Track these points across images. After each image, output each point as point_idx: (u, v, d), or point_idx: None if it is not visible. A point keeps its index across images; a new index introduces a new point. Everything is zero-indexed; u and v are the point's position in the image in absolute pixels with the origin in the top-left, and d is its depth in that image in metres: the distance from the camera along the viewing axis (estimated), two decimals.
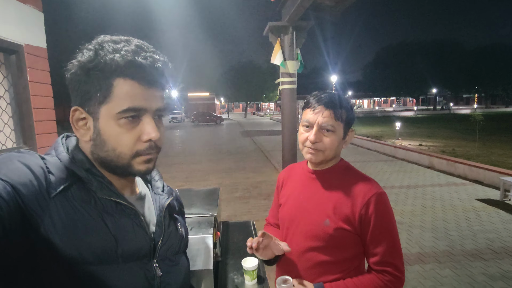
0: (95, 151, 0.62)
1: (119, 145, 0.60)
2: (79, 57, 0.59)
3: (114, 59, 0.56)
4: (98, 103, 0.58)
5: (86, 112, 0.60)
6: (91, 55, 0.57)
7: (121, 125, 0.59)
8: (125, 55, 0.57)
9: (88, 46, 0.59)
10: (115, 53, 0.57)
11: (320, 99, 1.03)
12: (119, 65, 0.56)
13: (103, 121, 0.59)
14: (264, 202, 5.40)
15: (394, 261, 1.00)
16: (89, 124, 0.61)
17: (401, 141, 12.28)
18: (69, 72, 0.59)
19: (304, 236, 1.06)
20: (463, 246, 3.60)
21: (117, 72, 0.57)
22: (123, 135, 0.59)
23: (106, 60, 0.56)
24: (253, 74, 42.02)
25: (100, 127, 0.59)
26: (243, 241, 1.67)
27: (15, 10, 1.88)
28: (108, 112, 0.58)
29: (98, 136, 0.60)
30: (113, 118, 0.58)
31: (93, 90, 0.58)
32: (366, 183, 1.04)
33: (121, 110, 0.58)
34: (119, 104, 0.58)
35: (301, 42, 3.84)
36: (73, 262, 0.53)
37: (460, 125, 19.11)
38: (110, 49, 0.57)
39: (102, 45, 0.58)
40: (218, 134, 20.71)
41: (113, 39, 0.59)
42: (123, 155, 0.61)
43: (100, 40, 0.59)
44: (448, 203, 5.06)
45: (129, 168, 0.62)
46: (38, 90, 2.03)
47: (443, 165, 7.36)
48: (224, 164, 9.26)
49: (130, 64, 0.57)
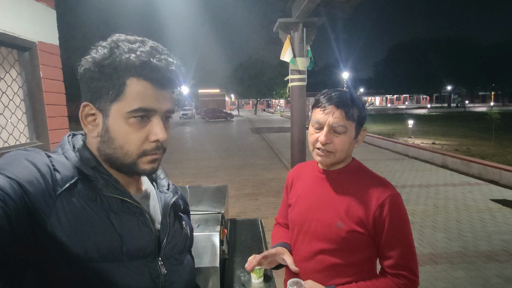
0: (102, 148, 0.62)
1: (127, 143, 0.61)
2: (94, 53, 0.59)
3: (130, 58, 0.57)
4: (110, 100, 0.59)
5: (96, 108, 0.61)
6: (105, 52, 0.58)
7: (130, 124, 0.60)
8: (140, 56, 0.58)
9: (103, 44, 0.60)
10: (131, 53, 0.58)
11: (331, 98, 0.99)
12: (134, 65, 0.58)
13: (113, 118, 0.60)
14: (273, 199, 5.39)
15: (409, 264, 0.97)
16: (98, 120, 0.61)
17: (414, 139, 12.05)
18: (82, 68, 0.60)
19: (315, 238, 1.04)
20: (477, 248, 3.51)
21: (131, 71, 0.58)
22: (131, 134, 0.60)
23: (121, 59, 0.57)
24: (264, 70, 41.88)
25: (109, 124, 0.60)
26: (251, 239, 1.67)
27: (28, 8, 1.92)
28: (119, 110, 0.59)
29: (107, 133, 0.61)
30: (123, 116, 0.59)
31: (106, 87, 0.59)
32: (379, 184, 1.00)
33: (132, 109, 0.59)
34: (130, 103, 0.59)
35: (311, 39, 3.79)
36: (79, 259, 0.54)
37: (475, 123, 18.65)
38: (126, 48, 0.58)
39: (118, 43, 0.59)
40: (228, 130, 20.77)
41: (128, 39, 0.60)
42: (130, 154, 0.61)
43: (116, 38, 0.60)
44: (462, 203, 4.94)
45: (135, 167, 0.63)
46: (50, 86, 2.06)
47: (457, 164, 7.19)
48: (234, 160, 9.28)
49: (145, 65, 0.58)
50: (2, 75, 1.82)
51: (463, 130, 15.76)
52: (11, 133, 1.86)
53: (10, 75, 1.87)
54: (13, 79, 1.89)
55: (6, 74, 1.84)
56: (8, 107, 1.85)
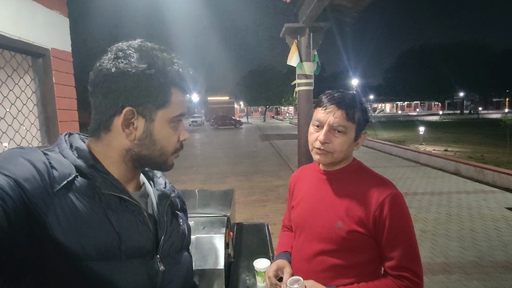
0: (136, 149, 0.65)
1: (169, 144, 0.68)
2: (128, 58, 0.60)
3: (175, 70, 0.65)
4: (156, 107, 0.64)
5: (137, 113, 0.63)
6: (142, 59, 0.61)
7: (172, 127, 0.67)
8: (179, 68, 0.66)
9: (128, 48, 0.61)
10: (172, 64, 0.65)
11: (333, 98, 0.99)
12: (179, 77, 0.66)
13: (158, 123, 0.65)
14: (282, 205, 5.34)
15: (412, 266, 0.94)
16: (137, 124, 0.63)
17: (425, 146, 11.84)
18: (115, 71, 0.59)
19: (316, 239, 1.03)
20: (493, 257, 3.39)
21: (174, 82, 0.65)
22: (173, 136, 0.68)
23: (167, 69, 0.63)
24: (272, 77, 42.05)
25: (153, 128, 0.65)
26: (257, 243, 1.66)
27: (43, 16, 1.98)
28: (165, 116, 0.65)
29: (149, 136, 0.65)
30: (168, 121, 0.66)
31: (153, 94, 0.63)
32: (380, 183, 0.99)
33: (176, 115, 0.67)
34: (175, 110, 0.66)
35: (318, 44, 3.79)
36: (77, 257, 0.54)
37: (489, 130, 18.21)
38: (166, 60, 0.64)
39: (152, 52, 0.63)
40: (237, 137, 20.84)
41: (154, 47, 0.65)
42: (167, 153, 0.69)
43: (144, 45, 0.64)
44: (476, 212, 4.80)
45: (166, 163, 0.70)
46: (62, 91, 2.12)
47: (470, 171, 7.02)
48: (242, 167, 9.28)
49: (184, 77, 0.67)
50: (16, 81, 1.88)
51: (477, 137, 15.41)
52: (24, 137, 1.91)
53: (24, 81, 1.93)
54: (27, 84, 1.95)
55: (20, 79, 1.90)
56: (22, 111, 1.90)
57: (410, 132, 18.35)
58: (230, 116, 34.73)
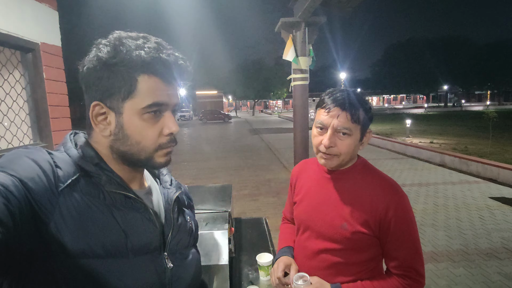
0: (115, 146, 0.62)
1: (143, 139, 0.61)
2: (97, 52, 0.58)
3: (140, 55, 0.58)
4: (122, 98, 0.59)
5: (107, 107, 0.60)
6: (110, 50, 0.58)
7: (145, 119, 0.61)
8: (149, 52, 0.58)
9: (103, 42, 0.59)
10: (139, 49, 0.58)
11: (336, 99, 0.94)
12: (145, 62, 0.58)
13: (127, 116, 0.60)
14: (274, 199, 5.39)
15: (415, 265, 0.96)
16: (109, 119, 0.61)
17: (412, 139, 12.11)
18: (85, 67, 0.59)
19: (320, 238, 1.03)
20: (478, 245, 3.53)
21: (143, 68, 0.59)
22: (147, 129, 0.61)
23: (131, 56, 0.57)
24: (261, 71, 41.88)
25: (123, 122, 0.60)
26: (256, 237, 1.67)
27: (32, 9, 1.92)
28: (133, 107, 0.60)
29: (121, 131, 0.61)
30: (138, 113, 0.60)
31: (117, 85, 0.59)
32: (385, 185, 0.99)
33: (146, 105, 0.60)
34: (144, 99, 0.59)
35: (313, 38, 3.81)
36: (84, 256, 0.54)
37: (472, 122, 18.75)
38: (133, 45, 0.58)
39: (121, 41, 0.58)
40: (226, 132, 20.76)
41: (131, 35, 0.60)
42: (146, 149, 0.62)
43: (117, 35, 0.60)
44: (461, 201, 4.97)
45: (151, 161, 0.64)
46: (53, 87, 2.06)
47: (455, 162, 7.24)
48: (233, 161, 9.27)
49: (155, 61, 0.59)
50: (5, 77, 1.82)
51: (461, 129, 15.85)
52: (14, 135, 1.86)
53: (13, 76, 1.87)
54: (16, 80, 1.89)
55: (10, 75, 1.84)
56: (12, 108, 1.85)
57: (397, 125, 18.70)
58: (219, 111, 34.49)
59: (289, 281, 1.04)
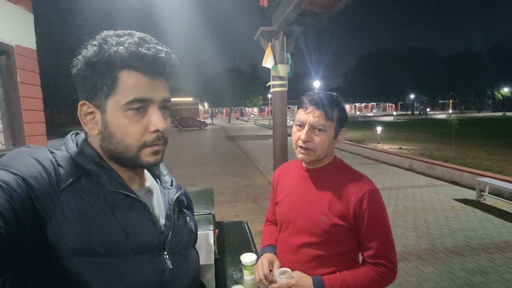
0: (103, 144, 0.63)
1: (127, 136, 0.61)
2: (84, 52, 0.60)
3: (118, 51, 0.57)
4: (105, 96, 0.60)
5: (93, 106, 0.61)
6: (95, 49, 0.58)
7: (128, 116, 0.60)
8: (129, 47, 0.58)
9: (92, 42, 0.61)
10: (119, 45, 0.58)
11: (312, 100, 1.06)
12: (124, 57, 0.58)
13: (110, 113, 0.60)
14: (252, 205, 5.42)
15: (388, 254, 1.05)
16: (97, 118, 0.62)
17: (382, 145, 12.63)
18: (75, 68, 0.60)
19: (301, 233, 1.10)
20: (444, 244, 3.75)
21: (122, 64, 0.58)
22: (130, 126, 0.60)
23: (110, 53, 0.57)
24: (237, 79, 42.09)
25: (107, 120, 0.61)
26: (239, 239, 1.71)
27: (6, 11, 1.86)
28: (115, 104, 0.60)
29: (106, 129, 0.61)
30: (120, 110, 0.60)
31: (99, 83, 0.59)
32: (359, 180, 1.08)
33: (127, 101, 0.59)
34: (125, 95, 0.59)
35: (291, 47, 3.96)
36: (84, 254, 0.54)
37: (437, 129, 19.87)
38: (114, 42, 0.58)
39: (106, 39, 0.59)
40: (203, 139, 20.57)
41: (116, 33, 0.61)
42: (131, 147, 0.62)
43: (104, 35, 0.61)
44: (428, 204, 5.26)
45: (137, 160, 0.63)
46: (28, 91, 1.99)
47: (422, 167, 7.65)
48: (209, 168, 9.21)
49: (134, 56, 0.58)
50: None
51: (426, 135, 16.75)
52: None
53: None
54: None
55: None
56: None
57: (368, 132, 19.42)
58: (194, 118, 34.18)
59: (273, 277, 1.09)
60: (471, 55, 50.44)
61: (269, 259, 1.16)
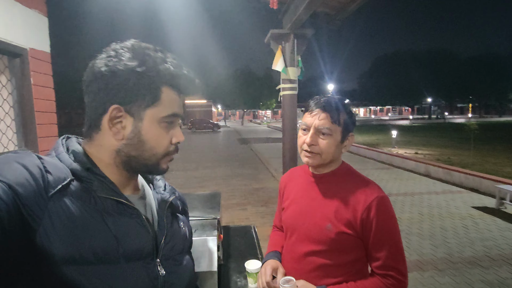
0: (125, 149, 0.63)
1: (158, 146, 0.65)
2: (120, 56, 0.60)
3: (169, 69, 0.63)
4: (145, 106, 0.62)
5: (125, 112, 0.62)
6: (133, 57, 0.60)
7: (162, 128, 0.65)
8: (176, 67, 0.65)
9: (123, 48, 0.62)
10: (165, 63, 0.63)
11: (318, 103, 1.04)
12: (171, 75, 0.64)
13: (147, 123, 0.63)
14: (262, 208, 5.38)
15: (397, 265, 0.99)
16: (125, 123, 0.62)
17: (398, 149, 12.36)
18: (108, 69, 0.59)
19: (307, 240, 1.06)
20: (461, 254, 3.61)
21: (168, 81, 0.64)
22: (162, 137, 0.65)
23: (159, 68, 0.62)
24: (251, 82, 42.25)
25: (142, 128, 0.63)
26: (245, 245, 1.67)
27: (21, 15, 1.91)
28: (154, 115, 0.63)
29: (137, 136, 0.63)
30: (158, 121, 0.64)
31: (142, 93, 0.61)
32: (367, 186, 1.03)
33: (166, 115, 0.64)
34: (164, 109, 0.64)
35: (302, 50, 3.92)
36: (74, 262, 0.53)
37: (455, 134, 19.31)
38: (158, 58, 0.63)
39: (145, 51, 0.62)
40: (215, 141, 20.70)
41: (148, 46, 0.64)
42: (157, 155, 0.66)
43: (137, 44, 0.63)
44: (445, 211, 5.08)
45: (157, 167, 0.67)
46: (41, 93, 2.03)
47: (439, 173, 7.42)
48: (221, 171, 9.24)
49: (180, 76, 0.65)
50: None
51: (444, 140, 16.30)
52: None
53: (0, 82, 1.84)
54: (3, 85, 1.86)
55: None
56: None
57: (383, 136, 19.07)
58: (208, 120, 34.43)
59: (277, 285, 1.05)
60: (492, 56, 48.97)
61: (272, 266, 1.12)
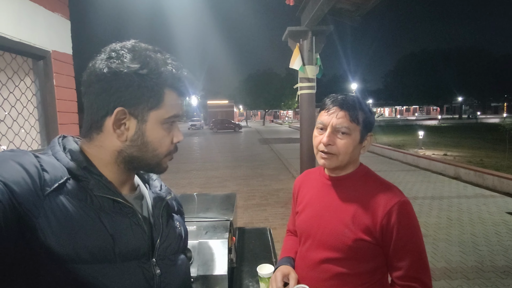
0: (128, 150, 0.64)
1: (161, 146, 0.66)
2: (121, 58, 0.60)
3: (171, 71, 0.64)
4: (149, 108, 0.63)
5: (129, 113, 0.62)
6: (133, 58, 0.60)
7: (164, 129, 0.66)
8: (178, 69, 0.66)
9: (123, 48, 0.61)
10: (166, 65, 0.64)
11: (336, 100, 0.98)
12: (173, 78, 0.64)
13: (150, 124, 0.64)
14: (282, 210, 5.32)
15: (420, 276, 0.92)
16: (128, 125, 0.63)
17: (425, 151, 11.85)
18: (111, 71, 0.59)
19: (322, 247, 1.00)
20: (494, 262, 3.37)
21: (170, 83, 0.64)
22: (165, 138, 0.67)
23: (160, 70, 0.62)
24: (272, 81, 42.19)
25: (145, 129, 0.64)
26: (259, 247, 1.63)
27: (44, 18, 1.98)
28: (157, 117, 0.64)
29: (141, 137, 0.64)
30: (161, 122, 0.65)
31: (146, 95, 0.62)
32: (387, 190, 0.96)
33: (169, 116, 0.66)
34: (167, 111, 0.65)
35: (320, 47, 3.82)
36: (70, 261, 0.53)
37: (488, 134, 18.26)
38: (159, 60, 0.63)
39: (146, 53, 0.62)
40: (236, 141, 20.83)
41: (148, 48, 0.64)
42: (160, 155, 0.67)
43: (138, 46, 0.63)
44: (476, 216, 4.79)
45: (159, 166, 0.69)
46: (63, 94, 2.11)
47: (470, 176, 7.02)
48: (242, 171, 9.25)
49: (182, 78, 0.66)
50: (17, 83, 1.87)
51: (476, 141, 15.45)
52: (23, 140, 1.90)
53: (24, 83, 1.92)
54: (27, 86, 1.94)
55: (21, 82, 1.89)
56: (22, 114, 1.89)
57: (409, 136, 18.38)
58: (229, 120, 34.75)
59: None
60: None
61: (283, 272, 1.07)
